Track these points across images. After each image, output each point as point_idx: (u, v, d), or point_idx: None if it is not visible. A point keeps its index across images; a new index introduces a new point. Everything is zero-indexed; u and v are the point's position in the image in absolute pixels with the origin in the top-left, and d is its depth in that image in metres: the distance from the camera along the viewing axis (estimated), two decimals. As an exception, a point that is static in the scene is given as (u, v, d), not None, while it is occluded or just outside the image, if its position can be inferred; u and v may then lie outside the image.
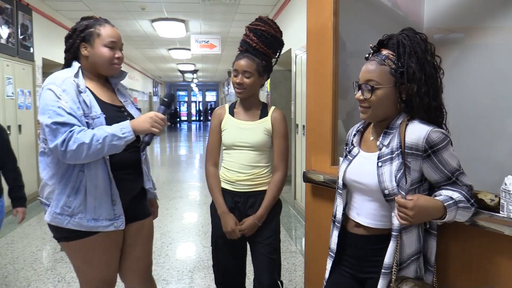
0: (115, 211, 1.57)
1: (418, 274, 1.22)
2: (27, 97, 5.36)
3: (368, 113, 1.24)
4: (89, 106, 1.51)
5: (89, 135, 1.43)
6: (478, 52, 2.09)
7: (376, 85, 1.19)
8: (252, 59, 1.80)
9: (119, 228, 1.58)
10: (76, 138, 1.42)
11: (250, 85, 1.82)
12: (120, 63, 1.63)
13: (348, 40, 1.88)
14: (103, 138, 1.44)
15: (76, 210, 1.51)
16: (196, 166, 9.40)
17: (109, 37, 1.58)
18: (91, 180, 1.51)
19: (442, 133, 1.15)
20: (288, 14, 5.36)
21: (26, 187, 2.43)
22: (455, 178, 1.17)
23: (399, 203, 1.11)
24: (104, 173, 1.53)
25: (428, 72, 1.18)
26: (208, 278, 2.99)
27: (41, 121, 1.46)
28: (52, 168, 1.54)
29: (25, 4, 5.28)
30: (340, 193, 1.36)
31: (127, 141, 1.48)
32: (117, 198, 1.57)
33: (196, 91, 30.77)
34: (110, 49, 1.59)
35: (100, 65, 1.60)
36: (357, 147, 1.34)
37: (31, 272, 3.08)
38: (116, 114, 1.61)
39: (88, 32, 1.58)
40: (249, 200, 1.85)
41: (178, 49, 10.25)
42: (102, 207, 1.53)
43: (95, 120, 1.51)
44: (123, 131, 1.47)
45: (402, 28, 1.25)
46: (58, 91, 1.46)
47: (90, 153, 1.43)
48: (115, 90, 1.72)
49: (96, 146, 1.43)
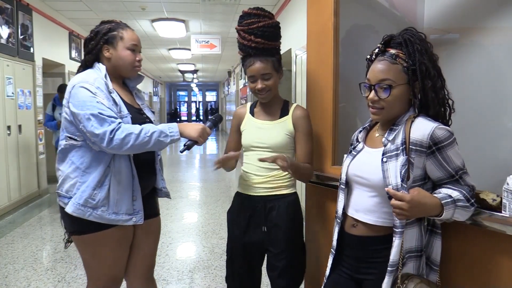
0: (135, 206, 1.63)
1: (420, 273, 1.21)
2: (27, 97, 5.35)
3: (382, 113, 1.23)
4: (118, 105, 1.59)
5: (138, 127, 1.52)
6: (476, 53, 2.09)
7: (393, 84, 1.19)
8: (265, 59, 1.68)
9: (138, 223, 1.64)
10: (125, 128, 1.50)
11: (272, 86, 1.72)
12: (140, 65, 1.71)
13: (348, 40, 1.87)
14: (152, 133, 1.52)
15: (100, 203, 1.56)
16: (196, 166, 9.41)
17: (132, 40, 1.66)
18: (116, 175, 1.58)
19: (447, 130, 1.15)
20: (288, 14, 5.36)
21: (26, 187, 2.44)
22: (458, 177, 1.17)
23: (397, 196, 1.10)
24: (128, 170, 1.61)
25: (438, 68, 1.21)
26: (208, 278, 2.98)
27: (82, 113, 1.49)
28: (76, 161, 1.58)
29: (25, 4, 5.28)
30: (343, 188, 1.36)
31: (173, 139, 1.57)
32: (138, 194, 1.64)
33: (196, 91, 30.79)
34: (132, 52, 1.66)
35: (123, 67, 1.67)
36: (362, 143, 1.35)
37: (31, 272, 3.07)
38: (137, 115, 1.68)
39: (111, 35, 1.64)
40: (268, 205, 1.69)
41: (178, 49, 10.25)
42: (123, 201, 1.60)
43: (123, 119, 1.57)
44: (171, 130, 1.56)
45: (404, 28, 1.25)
46: (92, 89, 1.53)
47: (136, 144, 1.50)
48: (132, 93, 1.79)
49: (143, 138, 1.51)
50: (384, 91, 1.20)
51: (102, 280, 1.70)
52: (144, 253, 1.79)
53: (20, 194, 5.02)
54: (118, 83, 1.71)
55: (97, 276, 1.70)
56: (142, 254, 1.78)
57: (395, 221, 1.18)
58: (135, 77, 1.77)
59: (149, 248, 1.81)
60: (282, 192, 1.70)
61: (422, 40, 1.21)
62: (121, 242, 1.67)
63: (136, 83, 1.81)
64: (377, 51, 1.25)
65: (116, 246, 1.66)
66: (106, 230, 1.60)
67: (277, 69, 1.73)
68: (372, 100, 1.23)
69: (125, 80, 1.76)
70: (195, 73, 17.01)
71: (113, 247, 1.65)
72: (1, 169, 4.66)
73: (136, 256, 1.77)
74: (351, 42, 1.91)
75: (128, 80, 1.77)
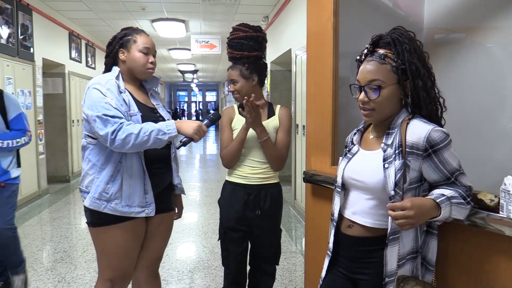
0: (147, 199, 1.73)
1: (414, 274, 1.21)
2: (27, 97, 5.35)
3: (373, 115, 1.22)
4: (128, 105, 1.69)
5: (138, 127, 1.61)
6: (478, 52, 2.09)
7: (382, 84, 1.18)
8: (234, 67, 1.98)
9: (150, 215, 1.75)
10: (125, 129, 1.59)
11: (239, 90, 1.97)
12: (153, 67, 1.80)
13: (348, 40, 1.87)
14: (150, 132, 1.61)
15: (113, 196, 1.67)
16: (196, 166, 9.41)
17: (144, 43, 1.77)
18: (127, 170, 1.69)
19: (443, 132, 1.14)
20: (288, 14, 5.36)
21: (26, 187, 2.47)
22: (453, 179, 1.17)
23: (396, 206, 1.08)
24: (139, 165, 1.71)
25: (427, 67, 1.20)
26: (208, 278, 2.99)
27: (90, 115, 1.62)
28: (92, 159, 1.71)
29: (25, 4, 5.28)
30: (338, 191, 1.35)
31: (170, 136, 1.66)
32: (149, 188, 1.73)
33: (196, 91, 30.77)
34: (145, 55, 1.76)
35: (136, 69, 1.77)
36: (357, 145, 1.34)
37: (31, 272, 3.07)
38: (149, 114, 1.78)
39: (126, 39, 1.77)
40: (262, 192, 1.97)
41: (178, 49, 10.24)
42: (135, 195, 1.70)
43: (132, 117, 1.68)
44: (168, 127, 1.65)
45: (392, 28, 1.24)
46: (103, 90, 1.65)
47: (136, 143, 1.60)
48: (148, 94, 1.89)
49: (142, 138, 1.60)
50: (374, 92, 1.19)
51: (112, 273, 1.76)
52: (154, 246, 1.88)
53: (20, 194, 4.99)
54: (135, 85, 1.82)
55: (107, 268, 1.77)
56: (151, 246, 1.87)
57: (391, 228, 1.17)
58: (151, 80, 1.89)
59: (159, 241, 1.90)
60: (271, 182, 2.00)
61: (411, 39, 1.20)
62: (133, 235, 1.75)
63: (152, 85, 1.92)
64: (366, 52, 1.23)
65: (128, 238, 1.74)
66: (120, 223, 1.70)
67: (246, 76, 1.97)
68: (363, 101, 1.22)
69: (142, 83, 1.88)
70: (195, 73, 17.00)
71: (125, 238, 1.74)
72: (1, 169, 4.66)
73: (145, 249, 1.85)
74: (352, 42, 1.91)
75: (145, 82, 1.88)
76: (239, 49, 1.97)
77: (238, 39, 1.97)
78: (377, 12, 2.18)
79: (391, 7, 2.24)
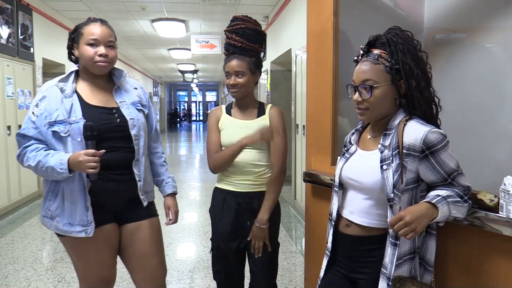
0: (88, 217, 1.55)
1: (413, 274, 1.21)
2: (27, 97, 5.35)
3: (367, 114, 1.24)
4: (70, 111, 1.54)
5: (36, 159, 1.51)
6: (478, 52, 2.09)
7: (374, 84, 1.19)
8: (242, 58, 1.78)
9: (89, 235, 1.56)
10: (27, 157, 1.53)
11: (244, 84, 1.79)
12: (103, 60, 1.56)
13: (348, 40, 1.88)
14: (46, 168, 1.50)
15: (54, 213, 1.56)
16: (196, 166, 9.40)
17: (90, 34, 1.56)
18: (68, 184, 1.54)
19: (440, 133, 1.14)
20: (288, 14, 5.36)
21: (26, 187, 2.45)
22: (451, 180, 1.17)
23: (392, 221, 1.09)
24: (79, 178, 1.53)
25: (422, 67, 1.20)
26: (208, 278, 2.99)
27: None
28: None
29: (25, 4, 5.28)
30: (336, 191, 1.36)
31: (64, 177, 1.49)
32: (89, 204, 1.55)
33: (196, 91, 30.78)
34: (91, 47, 1.56)
35: (87, 64, 1.59)
36: (355, 145, 1.34)
37: (31, 272, 3.08)
38: (101, 116, 1.58)
39: (76, 34, 1.60)
40: (254, 202, 1.78)
41: (178, 49, 10.24)
42: (76, 212, 1.55)
43: (72, 125, 1.53)
44: (61, 167, 1.47)
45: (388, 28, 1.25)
46: (38, 98, 1.56)
47: (38, 173, 1.54)
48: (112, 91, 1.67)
49: (41, 172, 1.52)
50: (367, 92, 1.20)
51: (91, 281, 1.69)
52: (140, 254, 1.70)
53: (20, 194, 5.02)
54: (94, 83, 1.63)
55: (85, 277, 1.70)
56: (137, 255, 1.70)
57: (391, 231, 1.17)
58: (118, 73, 1.69)
59: (144, 249, 1.70)
60: (264, 189, 1.79)
61: (406, 39, 1.21)
62: (99, 245, 1.62)
63: (119, 79, 1.69)
64: (361, 52, 1.25)
65: (95, 249, 1.62)
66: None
67: (252, 71, 1.81)
68: (357, 101, 1.24)
69: (113, 78, 1.69)
70: (195, 73, 17.00)
71: (92, 250, 1.62)
72: (1, 169, 4.66)
73: (131, 259, 1.72)
74: (352, 42, 1.91)
75: (115, 76, 1.69)
76: (248, 39, 1.80)
77: (246, 29, 1.81)
78: (377, 12, 2.18)
79: (391, 7, 2.24)
